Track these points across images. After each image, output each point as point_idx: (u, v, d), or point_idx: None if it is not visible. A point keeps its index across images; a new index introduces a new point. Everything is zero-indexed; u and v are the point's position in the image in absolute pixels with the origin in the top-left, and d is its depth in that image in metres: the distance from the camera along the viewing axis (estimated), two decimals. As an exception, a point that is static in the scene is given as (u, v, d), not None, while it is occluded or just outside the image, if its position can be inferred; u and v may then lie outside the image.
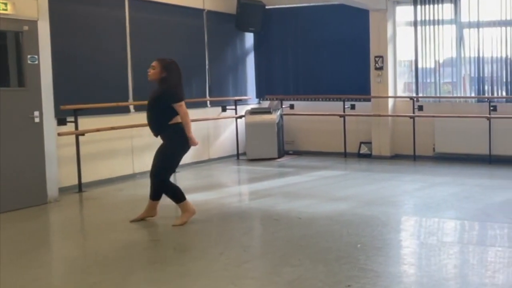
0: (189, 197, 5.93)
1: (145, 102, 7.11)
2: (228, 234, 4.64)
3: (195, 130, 8.14)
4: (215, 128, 8.68)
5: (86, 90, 6.59)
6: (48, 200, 5.77)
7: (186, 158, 7.91)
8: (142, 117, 7.17)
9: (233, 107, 8.79)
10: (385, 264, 3.83)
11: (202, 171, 7.81)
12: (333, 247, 4.18)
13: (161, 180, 4.75)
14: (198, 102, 8.26)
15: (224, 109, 8.71)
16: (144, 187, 6.65)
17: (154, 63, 4.75)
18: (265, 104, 9.47)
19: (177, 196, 4.82)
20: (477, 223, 4.90)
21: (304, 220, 4.98)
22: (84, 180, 6.42)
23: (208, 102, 8.54)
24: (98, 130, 6.49)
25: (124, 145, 7.11)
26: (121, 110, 7.04)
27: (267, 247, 4.34)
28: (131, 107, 7.23)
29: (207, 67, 8.49)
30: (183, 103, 4.76)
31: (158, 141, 4.93)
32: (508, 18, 8.12)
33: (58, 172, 6.01)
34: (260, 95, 9.63)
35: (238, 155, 8.82)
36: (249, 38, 9.43)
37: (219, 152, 8.71)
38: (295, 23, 9.38)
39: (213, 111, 8.57)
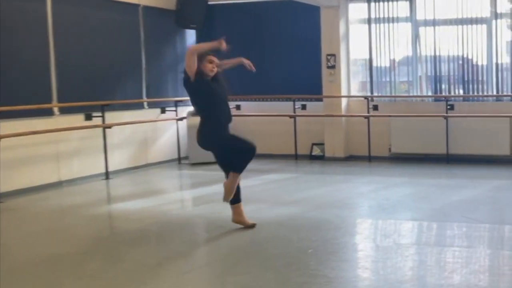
0: (124, 206, 5.90)
1: (72, 104, 7.13)
2: (168, 243, 4.58)
3: (130, 133, 8.17)
4: (153, 131, 8.61)
5: (1, 91, 6.33)
6: (-42, 213, 5.52)
7: (120, 164, 7.89)
8: (68, 120, 7.06)
9: (174, 108, 8.73)
10: (338, 269, 3.87)
11: (139, 177, 7.72)
12: (283, 253, 4.18)
13: None
14: (134, 103, 8.16)
15: (163, 111, 8.65)
16: (72, 195, 6.50)
17: (215, 59, 4.79)
18: (210, 105, 9.44)
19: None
20: (434, 224, 5.04)
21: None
22: (1, 190, 6.19)
23: (145, 103, 8.45)
24: (17, 134, 6.26)
25: (48, 150, 6.89)
26: (43, 113, 6.82)
27: (211, 256, 4.31)
28: (56, 109, 7.02)
29: (143, 66, 8.40)
30: None
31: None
32: (464, 16, 8.51)
33: (-30, 181, 5.76)
34: None
35: (179, 159, 8.80)
36: (190, 36, 9.41)
37: (159, 157, 8.65)
38: (241, 20, 9.41)
39: (151, 113, 8.51)
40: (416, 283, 3.60)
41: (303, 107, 9.09)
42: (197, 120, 8.35)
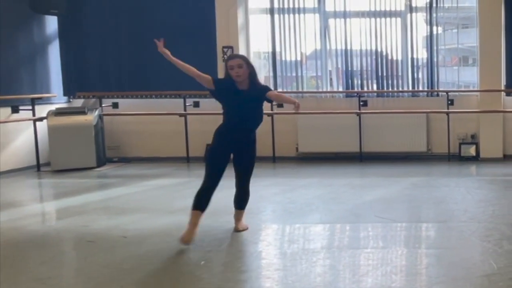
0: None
1: None
2: (19, 266, 4.29)
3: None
4: (2, 134, 8.25)
5: None
6: None
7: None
8: None
9: (30, 107, 8.49)
10: (235, 280, 3.84)
11: (-17, 188, 7.32)
12: (169, 267, 4.13)
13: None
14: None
15: (15, 110, 8.39)
16: None
17: (235, 63, 4.82)
18: (78, 102, 9.33)
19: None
20: (346, 226, 5.15)
21: (131, 238, 4.83)
22: None
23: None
24: None
25: None
26: None
27: (76, 277, 4.10)
28: None
29: None
30: None
31: None
32: (378, 8, 8.98)
33: None
34: (69, 92, 9.40)
35: (38, 166, 8.53)
36: (51, 23, 9.11)
37: (10, 164, 8.33)
38: (117, 5, 9.23)
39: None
40: (322, 290, 3.63)
41: (196, 104, 9.10)
42: (62, 120, 8.36)
